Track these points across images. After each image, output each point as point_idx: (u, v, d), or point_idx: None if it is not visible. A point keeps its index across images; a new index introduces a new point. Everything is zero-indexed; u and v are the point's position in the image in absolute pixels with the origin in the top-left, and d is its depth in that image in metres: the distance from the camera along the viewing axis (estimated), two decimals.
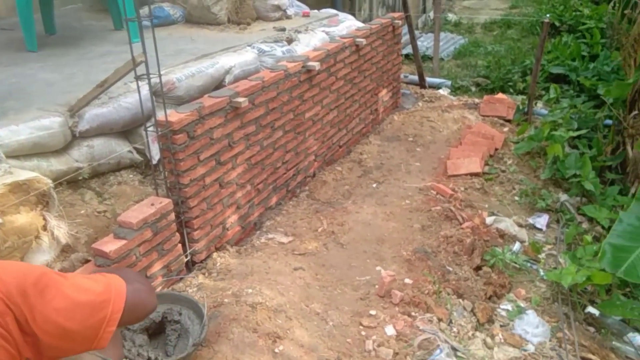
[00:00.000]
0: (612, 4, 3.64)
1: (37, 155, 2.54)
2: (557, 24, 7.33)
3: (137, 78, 2.50)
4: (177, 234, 2.70)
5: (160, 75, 2.55)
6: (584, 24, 6.95)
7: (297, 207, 3.55)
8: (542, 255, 3.33)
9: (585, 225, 3.63)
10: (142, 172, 3.04)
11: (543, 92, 5.57)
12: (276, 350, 2.19)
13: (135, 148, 2.99)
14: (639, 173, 3.77)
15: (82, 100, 2.63)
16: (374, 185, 3.86)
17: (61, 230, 2.36)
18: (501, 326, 2.68)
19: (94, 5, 5.06)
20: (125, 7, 3.83)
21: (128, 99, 2.89)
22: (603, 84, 4.93)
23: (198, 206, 2.82)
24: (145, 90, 2.73)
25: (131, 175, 2.97)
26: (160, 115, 2.64)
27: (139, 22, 2.42)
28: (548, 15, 5.89)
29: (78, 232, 2.50)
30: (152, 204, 2.55)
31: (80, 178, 2.69)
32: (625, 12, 3.55)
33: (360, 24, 5.05)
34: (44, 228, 2.32)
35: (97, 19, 4.70)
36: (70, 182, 2.65)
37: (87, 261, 2.43)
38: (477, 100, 5.41)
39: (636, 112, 3.78)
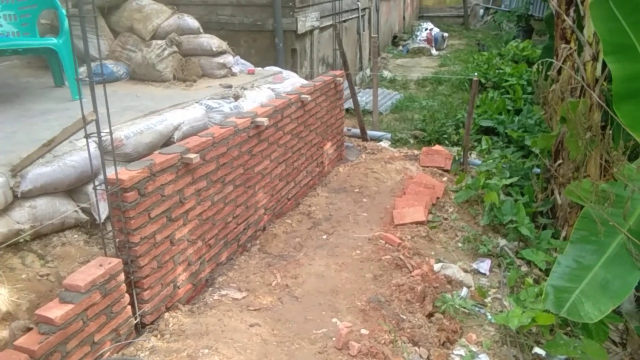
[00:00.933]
0: (535, 65, 4.01)
1: None
2: (483, 81, 7.93)
3: (87, 136, 2.46)
4: (127, 294, 2.60)
5: (111, 133, 2.52)
6: (506, 80, 7.57)
7: (249, 261, 3.52)
8: (488, 299, 3.46)
9: (524, 268, 3.83)
10: (88, 232, 2.92)
11: (475, 144, 5.94)
12: None
13: (80, 207, 2.89)
14: (567, 217, 4.06)
15: (26, 160, 2.54)
16: (324, 236, 3.91)
17: (0, 297, 2.22)
18: None
19: (32, 62, 4.95)
20: (67, 64, 3.81)
21: (74, 157, 2.82)
22: (529, 136, 5.35)
23: (148, 265, 2.74)
24: (93, 148, 2.68)
25: (76, 236, 2.85)
26: (110, 173, 2.59)
27: (90, 80, 2.41)
28: (476, 73, 6.38)
29: (19, 297, 2.35)
30: (101, 265, 2.46)
31: (21, 241, 2.55)
32: (549, 73, 3.93)
33: (304, 81, 5.25)
34: None
35: (36, 75, 4.59)
36: (10, 245, 2.51)
37: (29, 329, 2.28)
38: (416, 152, 5.68)
39: (561, 161, 4.11)
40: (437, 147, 5.64)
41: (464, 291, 3.44)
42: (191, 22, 5.05)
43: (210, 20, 6.72)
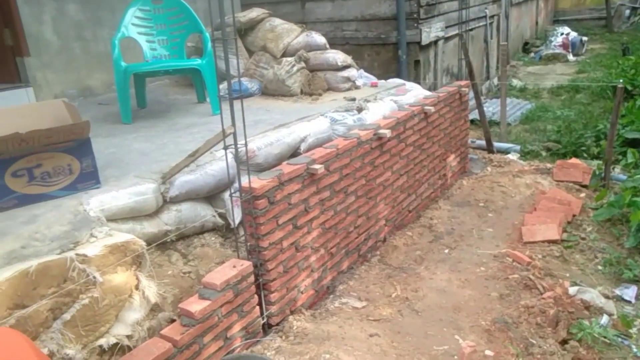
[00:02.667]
0: None
1: (132, 219, 2.74)
2: (629, 88, 7.16)
3: (226, 148, 2.69)
4: (256, 296, 2.77)
5: (246, 145, 2.73)
6: None
7: (369, 271, 3.55)
8: (633, 330, 3.11)
9: None
10: (223, 235, 3.18)
11: (620, 157, 5.38)
12: None
13: (217, 212, 3.15)
14: None
15: (175, 169, 2.85)
16: (446, 251, 3.81)
17: (151, 290, 2.50)
18: None
19: (179, 81, 5.53)
20: (209, 82, 4.20)
21: (213, 166, 3.09)
22: None
23: (275, 269, 2.90)
24: (230, 158, 2.92)
25: (213, 238, 3.11)
26: (243, 182, 2.80)
27: (230, 96, 2.63)
28: (621, 80, 5.79)
29: (165, 292, 2.62)
30: (234, 266, 2.66)
31: (168, 240, 2.86)
32: None
33: (427, 92, 5.19)
34: (137, 287, 2.46)
35: (182, 93, 5.12)
36: (159, 244, 2.82)
37: (172, 321, 2.54)
38: (549, 165, 5.30)
39: None
40: (574, 160, 5.21)
41: (605, 319, 3.12)
42: (318, 38, 5.27)
43: (336, 36, 6.95)
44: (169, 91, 5.25)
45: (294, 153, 3.68)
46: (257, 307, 2.78)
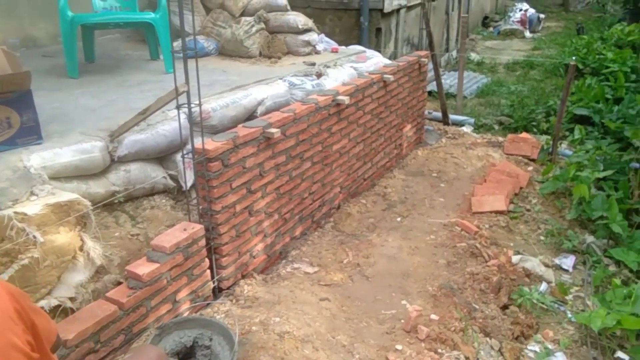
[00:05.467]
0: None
1: (77, 178, 2.62)
2: (580, 66, 7.38)
3: (179, 107, 2.59)
4: (207, 259, 2.74)
5: (200, 105, 2.64)
6: (607, 67, 7.00)
7: (322, 238, 3.57)
8: (569, 297, 3.29)
9: (612, 268, 3.58)
10: (174, 198, 3.10)
11: (567, 133, 5.59)
12: None
13: (169, 174, 3.06)
14: None
15: (124, 127, 2.73)
16: (399, 219, 3.88)
17: (96, 251, 2.42)
18: None
19: (132, 36, 5.26)
20: (162, 39, 4.01)
21: (165, 126, 2.98)
22: (630, 127, 4.93)
23: (228, 233, 2.87)
24: (182, 118, 2.82)
25: (163, 200, 3.03)
26: (197, 143, 2.71)
27: (184, 54, 2.52)
28: (574, 57, 5.95)
29: (112, 254, 2.55)
30: (185, 229, 2.61)
31: (115, 201, 2.76)
32: None
33: (387, 61, 5.17)
34: (81, 249, 2.38)
35: (134, 49, 4.88)
36: (106, 204, 2.72)
37: (119, 283, 2.48)
38: (501, 139, 5.44)
39: None
40: (524, 134, 5.37)
41: (544, 286, 3.28)
42: None
43: None
44: (120, 46, 5.00)
45: (251, 116, 3.60)
46: (208, 271, 2.75)
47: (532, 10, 12.43)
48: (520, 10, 12.33)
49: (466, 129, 5.95)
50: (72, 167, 2.56)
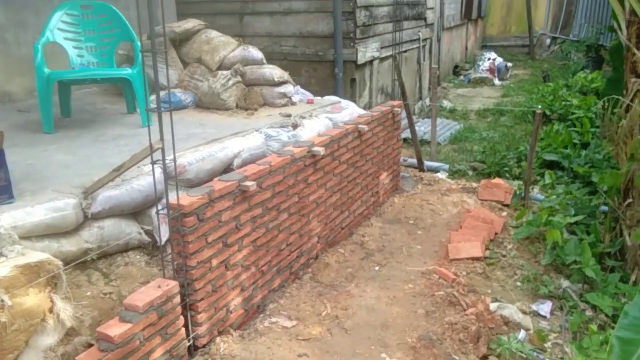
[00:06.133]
0: (601, 102, 3.86)
1: (49, 237, 2.58)
2: (548, 113, 7.67)
3: (154, 163, 2.61)
4: (182, 317, 2.68)
5: (175, 161, 2.66)
6: (573, 113, 7.28)
7: (300, 289, 3.54)
8: (548, 344, 3.29)
9: (589, 313, 3.61)
10: (149, 253, 3.07)
11: (538, 178, 5.73)
12: None
13: (143, 229, 3.03)
14: (637, 260, 3.81)
15: (97, 183, 2.72)
16: (377, 268, 3.88)
17: (67, 312, 2.36)
18: None
19: (109, 89, 5.31)
20: (139, 93, 4.07)
21: (140, 181, 2.98)
22: (596, 172, 5.10)
23: (204, 288, 2.83)
24: (158, 173, 2.83)
25: (138, 257, 2.99)
26: (171, 198, 2.71)
27: (158, 109, 2.55)
28: (540, 105, 6.19)
29: (83, 314, 2.48)
30: (159, 286, 2.56)
31: (88, 259, 2.71)
32: (615, 111, 3.77)
33: (362, 111, 5.30)
34: (51, 310, 2.31)
35: (111, 102, 4.92)
36: (78, 263, 2.67)
37: (90, 345, 2.40)
38: (474, 185, 5.55)
39: (631, 200, 3.89)
40: (497, 180, 5.49)
41: (522, 334, 3.28)
42: (255, 53, 5.26)
43: (274, 51, 6.96)
44: (97, 100, 5.04)
45: (227, 169, 3.62)
46: (183, 329, 2.69)
47: (500, 59, 12.96)
48: (489, 59, 12.84)
49: (441, 175, 6.07)
50: (44, 225, 2.52)
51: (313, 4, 6.81)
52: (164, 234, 2.96)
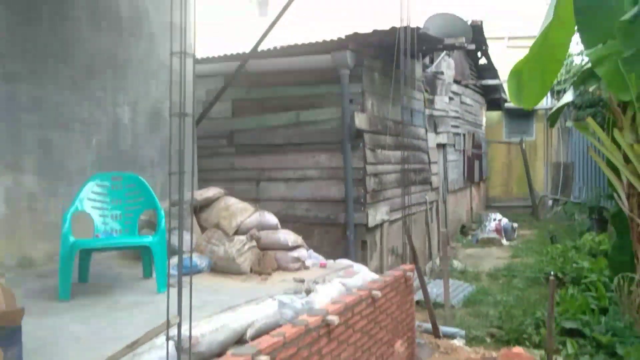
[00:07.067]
0: (615, 279, 3.89)
1: None
2: (560, 275, 7.63)
3: (168, 338, 2.58)
4: None
5: (190, 335, 2.63)
6: (586, 276, 7.23)
7: None
8: None
9: None
10: None
11: (560, 347, 5.50)
12: None
13: None
14: None
15: None
16: None
17: None
18: None
19: (126, 253, 5.44)
20: (158, 260, 4.16)
21: (152, 355, 2.91)
22: (619, 342, 4.91)
23: None
24: (170, 346, 2.77)
25: None
26: None
27: (179, 285, 2.61)
28: (552, 271, 6.20)
29: None
30: None
31: None
32: (632, 289, 3.79)
33: (374, 275, 5.31)
34: None
35: (128, 266, 5.00)
36: None
37: None
38: (494, 354, 5.32)
39: None
40: (517, 349, 5.28)
41: None
42: (271, 218, 5.47)
43: (288, 214, 7.25)
44: (114, 264, 5.13)
45: (241, 339, 3.55)
46: None
47: (505, 220, 13.29)
48: (494, 219, 13.18)
49: (458, 342, 5.85)
50: None
51: (325, 171, 7.28)
52: None
